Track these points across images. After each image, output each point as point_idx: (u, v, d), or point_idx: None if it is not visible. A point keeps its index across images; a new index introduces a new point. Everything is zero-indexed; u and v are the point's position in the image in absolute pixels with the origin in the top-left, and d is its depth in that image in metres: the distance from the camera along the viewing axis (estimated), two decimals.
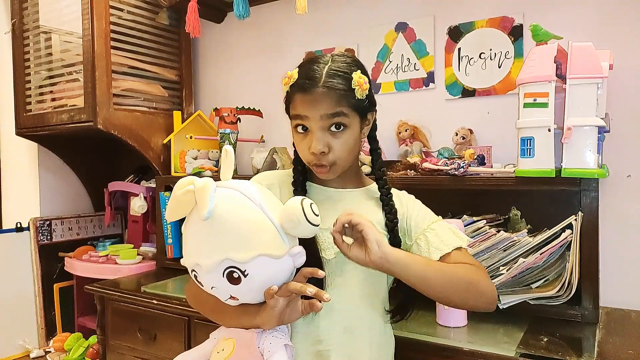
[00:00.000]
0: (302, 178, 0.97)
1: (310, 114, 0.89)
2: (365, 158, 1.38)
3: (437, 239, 0.93)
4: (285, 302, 0.77)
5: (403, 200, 1.00)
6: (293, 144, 0.99)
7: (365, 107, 0.94)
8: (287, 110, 0.97)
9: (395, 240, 0.94)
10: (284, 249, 0.74)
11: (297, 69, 0.92)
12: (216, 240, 0.72)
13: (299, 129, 0.92)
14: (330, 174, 0.93)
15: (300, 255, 0.76)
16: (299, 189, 0.96)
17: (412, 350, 1.06)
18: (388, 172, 1.39)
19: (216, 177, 0.78)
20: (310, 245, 0.85)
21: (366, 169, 1.34)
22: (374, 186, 1.02)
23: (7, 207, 2.40)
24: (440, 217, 1.00)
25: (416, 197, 1.03)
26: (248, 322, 0.81)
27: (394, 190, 1.01)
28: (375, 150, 1.03)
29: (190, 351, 0.83)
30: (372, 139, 1.03)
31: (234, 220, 0.71)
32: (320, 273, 0.77)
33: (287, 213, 0.72)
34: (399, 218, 0.96)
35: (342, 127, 0.90)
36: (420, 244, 0.94)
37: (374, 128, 1.03)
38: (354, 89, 0.89)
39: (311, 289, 0.73)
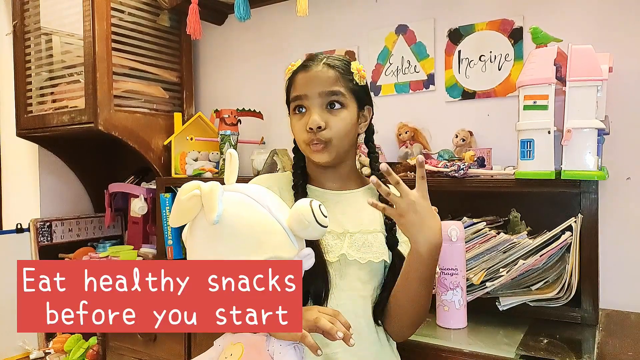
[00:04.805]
0: (303, 181, 0.98)
1: (310, 92, 0.92)
2: (365, 160, 1.38)
3: None
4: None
5: None
6: (294, 141, 1.00)
7: (362, 96, 0.98)
8: (287, 99, 0.99)
9: (392, 241, 0.95)
10: (294, 251, 0.73)
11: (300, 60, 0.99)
12: (226, 244, 0.71)
13: (297, 110, 0.95)
14: (326, 154, 0.93)
15: (310, 257, 0.75)
16: (300, 192, 0.96)
17: (411, 352, 1.06)
18: None
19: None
20: (314, 248, 0.84)
21: (366, 170, 1.35)
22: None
23: (7, 208, 2.40)
24: None
25: None
26: None
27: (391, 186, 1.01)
28: (373, 154, 1.03)
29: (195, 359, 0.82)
30: (371, 143, 1.04)
31: (243, 223, 0.71)
32: (350, 337, 0.74)
33: (297, 215, 0.71)
34: None
35: (339, 106, 0.93)
36: (403, 248, 0.95)
37: (371, 131, 1.04)
38: (352, 72, 0.95)
39: (340, 334, 0.72)
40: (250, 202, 0.73)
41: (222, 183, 0.79)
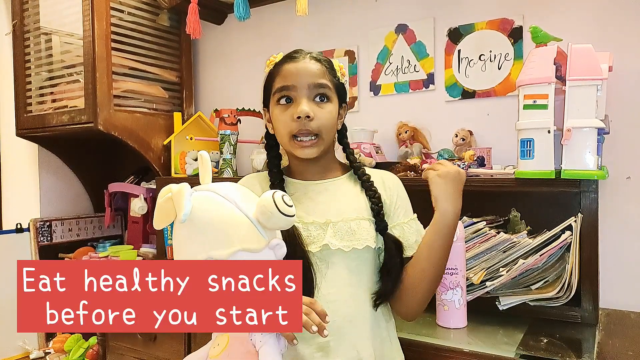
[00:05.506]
0: (279, 180, 0.99)
1: (298, 82, 0.93)
2: (365, 159, 1.39)
3: (413, 235, 0.97)
4: None
5: (387, 184, 1.01)
6: (267, 136, 1.03)
7: (342, 94, 1.00)
8: (267, 91, 1.00)
9: (381, 225, 0.95)
10: (262, 242, 0.75)
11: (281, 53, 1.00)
12: (196, 240, 0.74)
13: (282, 101, 0.95)
14: (314, 149, 0.94)
15: (279, 246, 0.77)
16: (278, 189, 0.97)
17: (411, 351, 1.06)
18: None
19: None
20: (295, 241, 0.87)
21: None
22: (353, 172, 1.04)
23: (7, 208, 2.40)
24: (415, 214, 1.02)
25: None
26: None
27: (375, 171, 1.03)
28: (348, 149, 1.04)
29: (195, 353, 0.84)
30: (345, 139, 1.05)
31: (210, 219, 0.74)
32: (324, 329, 0.75)
33: (261, 207, 0.74)
34: (383, 202, 0.97)
35: (325, 100, 0.95)
36: (394, 233, 0.96)
37: (345, 129, 1.05)
38: (335, 69, 0.98)
39: (314, 327, 0.73)
40: (218, 198, 0.76)
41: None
